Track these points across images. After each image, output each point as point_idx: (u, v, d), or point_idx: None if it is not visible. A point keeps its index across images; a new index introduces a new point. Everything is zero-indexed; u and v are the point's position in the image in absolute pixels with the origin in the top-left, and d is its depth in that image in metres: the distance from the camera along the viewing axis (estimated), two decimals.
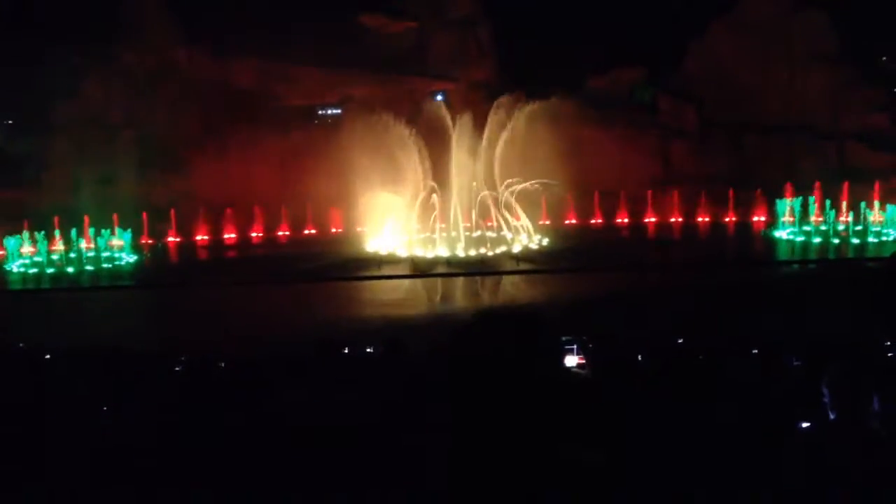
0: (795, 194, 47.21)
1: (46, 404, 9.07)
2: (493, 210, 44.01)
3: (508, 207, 43.99)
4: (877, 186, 47.50)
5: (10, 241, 43.73)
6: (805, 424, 6.15)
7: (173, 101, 53.64)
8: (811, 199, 46.72)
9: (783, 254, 43.47)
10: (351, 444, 6.53)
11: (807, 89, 54.76)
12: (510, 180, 43.99)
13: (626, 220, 52.28)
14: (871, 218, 45.59)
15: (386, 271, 38.60)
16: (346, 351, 13.70)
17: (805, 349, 10.44)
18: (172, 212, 50.01)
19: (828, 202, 45.74)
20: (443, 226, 43.31)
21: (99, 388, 10.26)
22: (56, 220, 45.65)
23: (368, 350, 14.51)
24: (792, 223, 46.39)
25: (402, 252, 41.39)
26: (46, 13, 52.11)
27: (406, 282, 37.05)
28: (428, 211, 43.19)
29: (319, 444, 6.56)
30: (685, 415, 6.69)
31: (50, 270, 41.50)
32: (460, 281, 37.28)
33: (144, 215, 49.02)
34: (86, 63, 53.75)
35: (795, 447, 5.14)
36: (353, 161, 42.42)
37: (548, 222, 49.39)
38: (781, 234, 46.03)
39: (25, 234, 44.82)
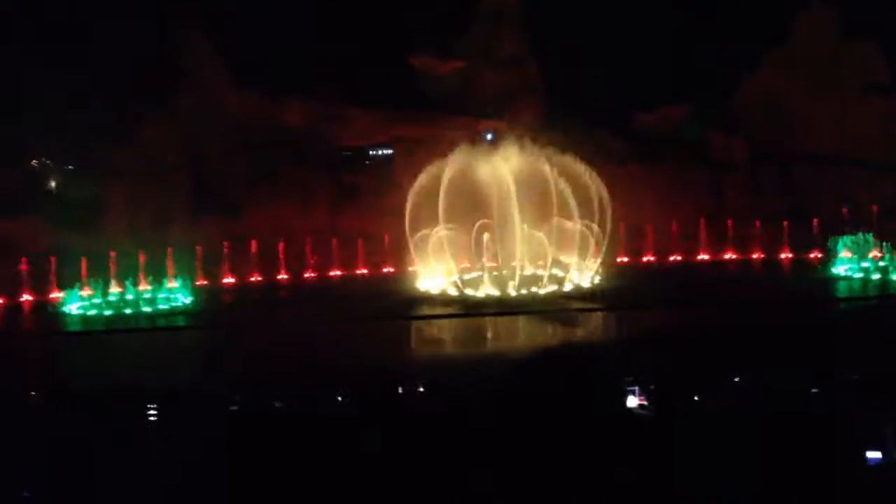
0: (851, 229, 46.42)
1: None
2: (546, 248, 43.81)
3: (559, 246, 43.76)
4: None
5: (69, 287, 44.41)
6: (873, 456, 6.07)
7: (226, 143, 54.63)
8: (869, 235, 45.78)
9: (842, 291, 42.57)
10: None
11: (859, 120, 54.12)
12: (557, 218, 43.79)
13: (678, 258, 51.72)
14: None
15: (438, 310, 38.68)
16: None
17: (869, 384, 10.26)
18: (225, 252, 50.54)
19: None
20: (492, 265, 43.19)
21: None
22: (112, 262, 46.39)
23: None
24: (849, 258, 45.45)
25: (453, 291, 41.41)
26: (102, 58, 53.31)
27: (456, 321, 37.17)
28: (479, 249, 43.17)
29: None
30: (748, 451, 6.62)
31: (108, 312, 42.08)
32: (516, 320, 37.29)
33: (199, 256, 49.61)
34: (141, 107, 54.88)
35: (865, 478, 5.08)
36: (403, 201, 42.70)
37: (598, 260, 49.04)
38: (839, 269, 45.09)
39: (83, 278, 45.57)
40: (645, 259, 51.57)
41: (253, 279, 50.87)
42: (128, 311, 42.14)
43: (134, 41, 52.30)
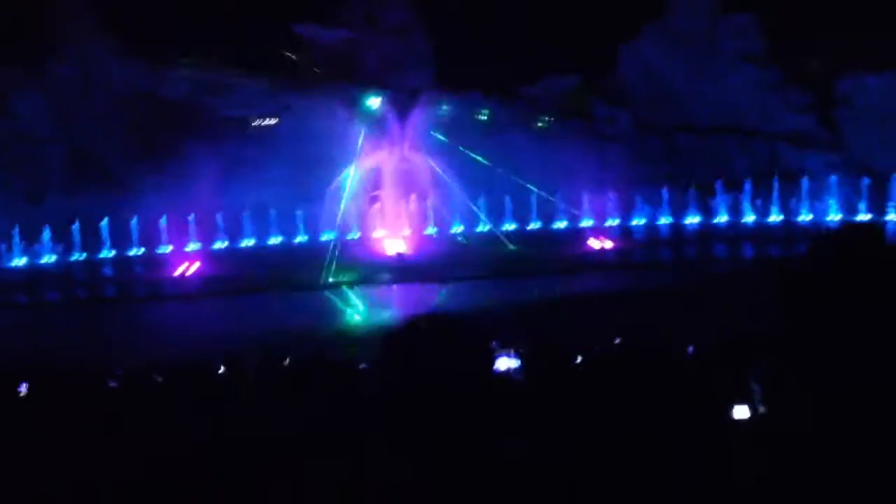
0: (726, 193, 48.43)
1: None
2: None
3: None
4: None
5: None
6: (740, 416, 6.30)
7: (105, 114, 52.88)
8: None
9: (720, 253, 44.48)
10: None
11: (735, 90, 55.82)
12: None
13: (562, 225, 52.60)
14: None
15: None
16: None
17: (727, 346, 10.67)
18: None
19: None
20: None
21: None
22: None
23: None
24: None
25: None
26: None
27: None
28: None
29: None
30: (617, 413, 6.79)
31: None
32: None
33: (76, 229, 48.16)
34: (14, 77, 52.61)
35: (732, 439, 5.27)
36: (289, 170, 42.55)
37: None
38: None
39: None
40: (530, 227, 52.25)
41: (133, 253, 49.73)
42: None
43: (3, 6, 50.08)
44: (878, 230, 3.99)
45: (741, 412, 7.30)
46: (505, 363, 10.85)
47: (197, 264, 44.82)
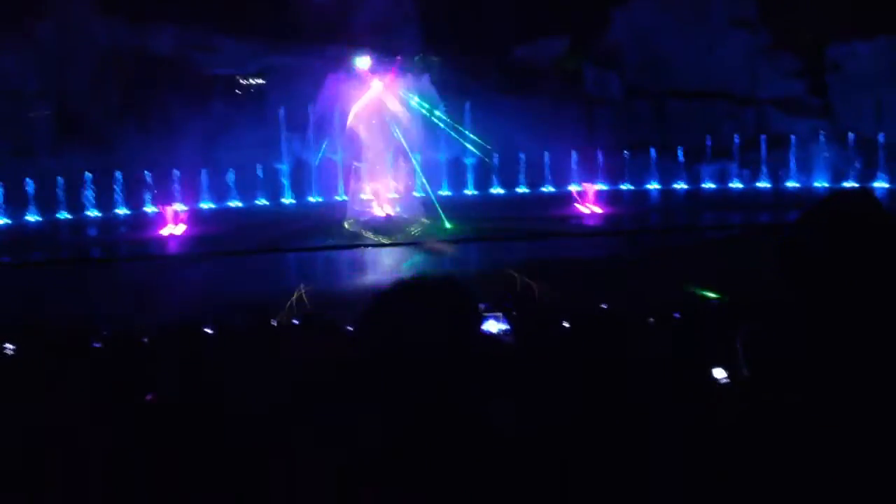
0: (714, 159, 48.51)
1: None
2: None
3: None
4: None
5: None
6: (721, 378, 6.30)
7: (91, 72, 52.35)
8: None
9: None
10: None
11: (725, 55, 55.64)
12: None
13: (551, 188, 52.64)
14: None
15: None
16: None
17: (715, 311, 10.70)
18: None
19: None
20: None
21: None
22: None
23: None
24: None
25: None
26: None
27: None
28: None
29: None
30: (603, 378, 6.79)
31: None
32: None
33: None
34: None
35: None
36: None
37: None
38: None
39: None
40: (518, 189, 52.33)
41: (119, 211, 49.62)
42: None
43: None
44: (872, 196, 3.94)
45: (720, 373, 7.34)
46: (494, 326, 10.89)
47: (182, 226, 44.69)
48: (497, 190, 51.84)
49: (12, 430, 6.87)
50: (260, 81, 57.73)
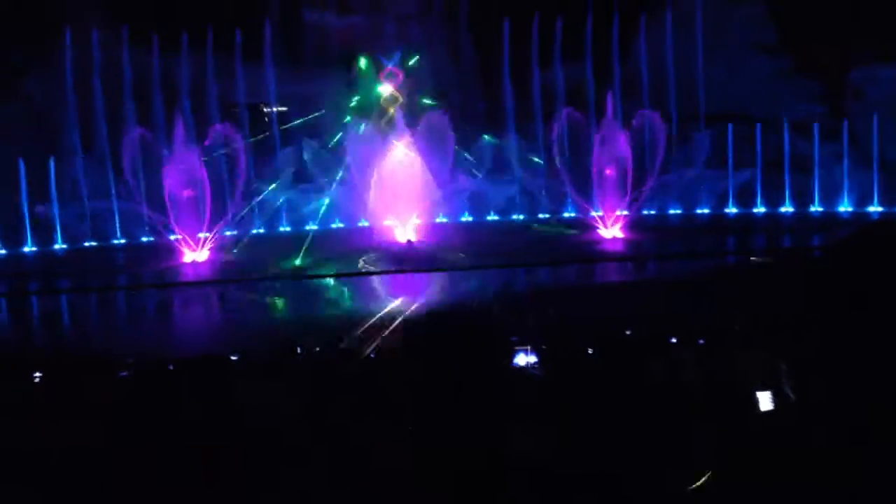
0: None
1: None
2: None
3: None
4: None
5: None
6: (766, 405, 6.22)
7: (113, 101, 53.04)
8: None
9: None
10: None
11: (746, 79, 55.50)
12: None
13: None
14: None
15: None
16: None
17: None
18: None
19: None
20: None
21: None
22: None
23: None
24: None
25: None
26: None
27: None
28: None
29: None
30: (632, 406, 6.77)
31: None
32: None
33: None
34: (23, 60, 52.46)
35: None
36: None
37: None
38: None
39: None
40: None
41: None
42: None
43: None
44: None
45: (765, 400, 7.25)
46: (523, 359, 10.79)
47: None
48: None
49: (41, 453, 6.90)
50: (282, 109, 57.90)
